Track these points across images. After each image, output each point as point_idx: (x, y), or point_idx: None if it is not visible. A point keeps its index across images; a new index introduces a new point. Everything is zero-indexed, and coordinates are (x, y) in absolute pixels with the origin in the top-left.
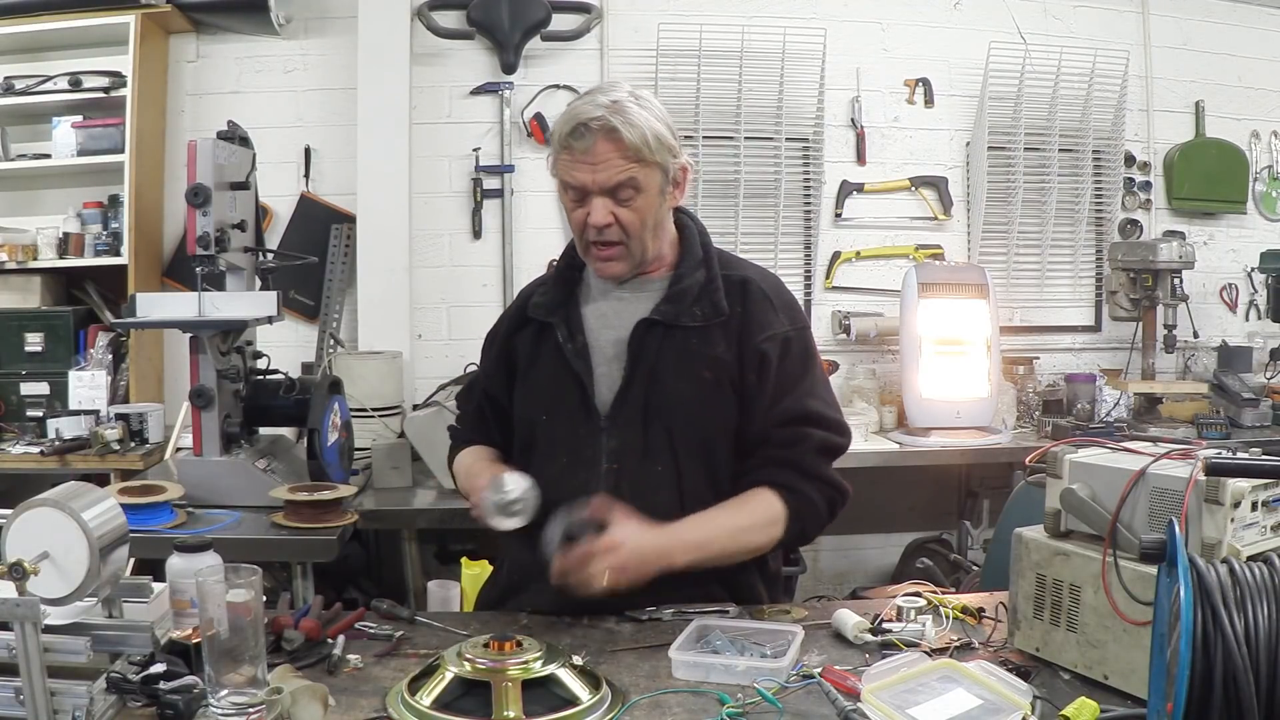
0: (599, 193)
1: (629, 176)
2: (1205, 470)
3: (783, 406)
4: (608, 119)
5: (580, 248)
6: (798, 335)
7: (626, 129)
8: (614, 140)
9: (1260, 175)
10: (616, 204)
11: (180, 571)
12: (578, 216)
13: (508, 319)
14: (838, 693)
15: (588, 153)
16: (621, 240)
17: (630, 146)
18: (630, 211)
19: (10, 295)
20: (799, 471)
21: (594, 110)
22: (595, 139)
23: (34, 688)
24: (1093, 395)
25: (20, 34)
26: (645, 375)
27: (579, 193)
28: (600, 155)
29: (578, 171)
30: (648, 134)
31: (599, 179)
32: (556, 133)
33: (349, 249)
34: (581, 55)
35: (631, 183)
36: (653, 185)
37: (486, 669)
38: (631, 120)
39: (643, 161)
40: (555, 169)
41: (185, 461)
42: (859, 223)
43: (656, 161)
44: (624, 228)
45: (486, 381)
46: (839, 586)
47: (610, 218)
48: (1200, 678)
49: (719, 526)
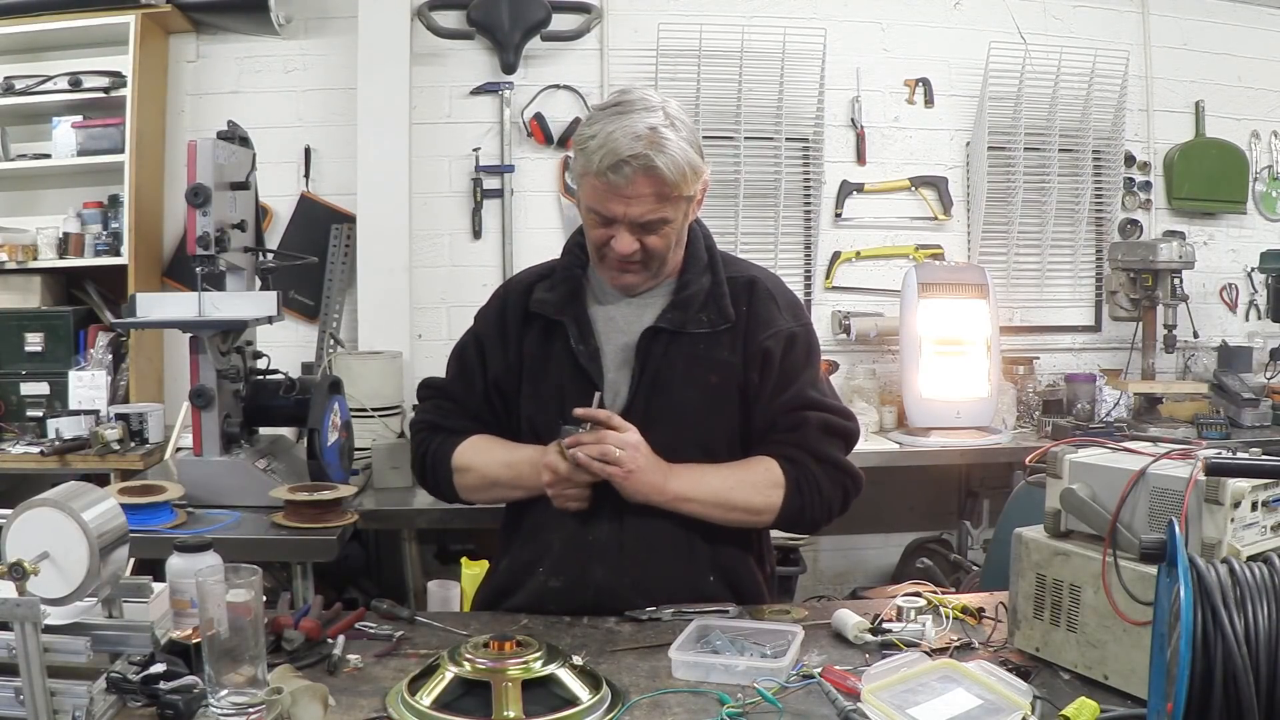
0: (628, 224)
1: (661, 215)
2: (1205, 470)
3: (786, 397)
4: (649, 158)
5: (595, 259)
6: (802, 331)
7: (666, 167)
8: (652, 178)
9: (1260, 175)
10: (644, 233)
11: (180, 571)
12: (599, 235)
13: (512, 310)
14: (838, 693)
15: (624, 188)
16: (644, 263)
17: (668, 184)
18: (658, 239)
19: (10, 295)
20: (803, 449)
21: (633, 145)
22: (633, 176)
23: (34, 688)
24: (1093, 395)
25: (20, 34)
26: (652, 382)
27: (605, 220)
28: (636, 191)
29: (610, 204)
30: (685, 168)
31: (631, 214)
32: (589, 157)
33: (349, 249)
34: (581, 55)
35: (663, 219)
36: (681, 215)
37: (486, 669)
38: (670, 153)
39: (680, 191)
40: (582, 190)
41: (185, 461)
42: (859, 223)
43: (688, 195)
44: (648, 252)
45: (496, 377)
46: (839, 586)
47: (635, 246)
48: (1200, 678)
49: (717, 472)
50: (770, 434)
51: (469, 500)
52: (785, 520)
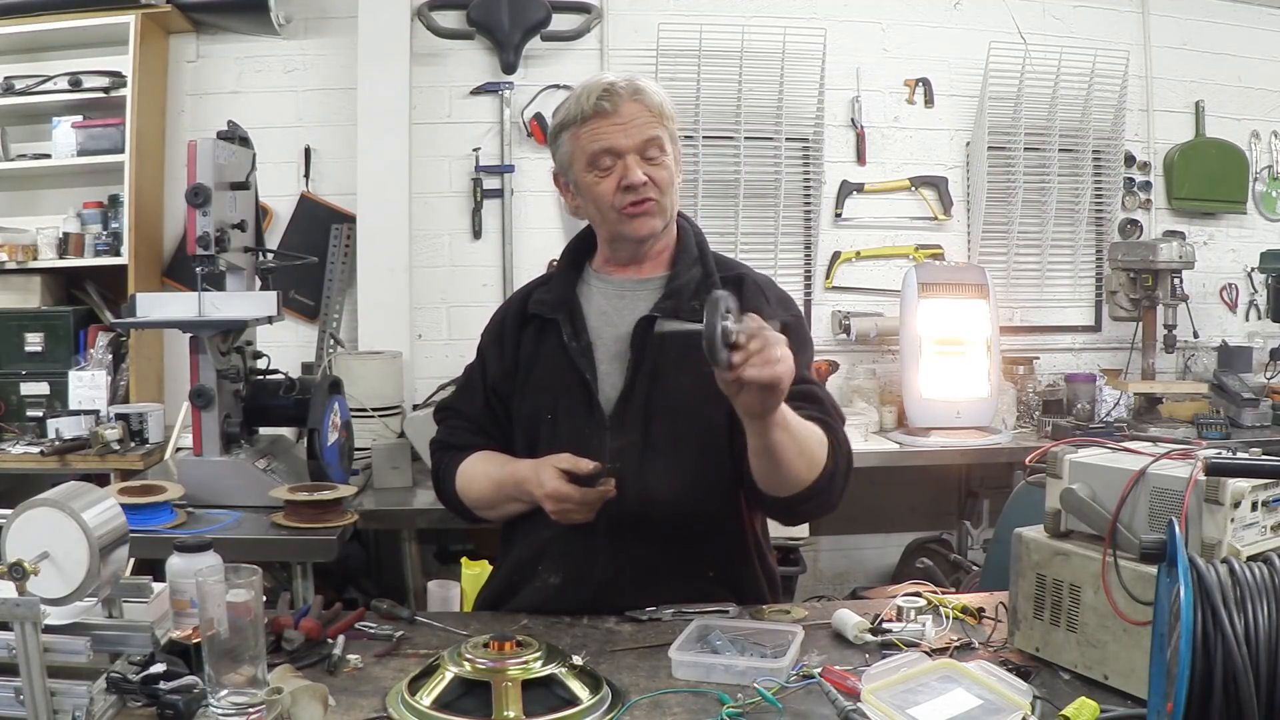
0: (631, 152)
1: (656, 134)
2: (1205, 470)
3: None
4: (632, 81)
5: (612, 218)
6: (795, 322)
7: (650, 90)
8: (640, 101)
9: (1260, 175)
10: (647, 164)
11: (180, 571)
12: (608, 185)
13: (510, 317)
14: (838, 693)
15: (617, 113)
16: (655, 197)
17: (654, 107)
18: (660, 169)
19: (10, 295)
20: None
21: (611, 77)
22: (623, 101)
23: (34, 688)
24: (1093, 395)
25: (20, 34)
26: (648, 373)
27: (611, 157)
28: (629, 115)
29: (610, 136)
30: (662, 99)
31: (632, 137)
32: (575, 109)
33: (349, 249)
34: (581, 55)
35: (659, 141)
36: (671, 145)
37: (486, 669)
38: (647, 83)
39: (664, 121)
40: (577, 149)
41: (185, 461)
42: (859, 223)
43: (671, 127)
44: (656, 185)
45: (495, 381)
46: (839, 586)
47: (644, 176)
48: (1200, 678)
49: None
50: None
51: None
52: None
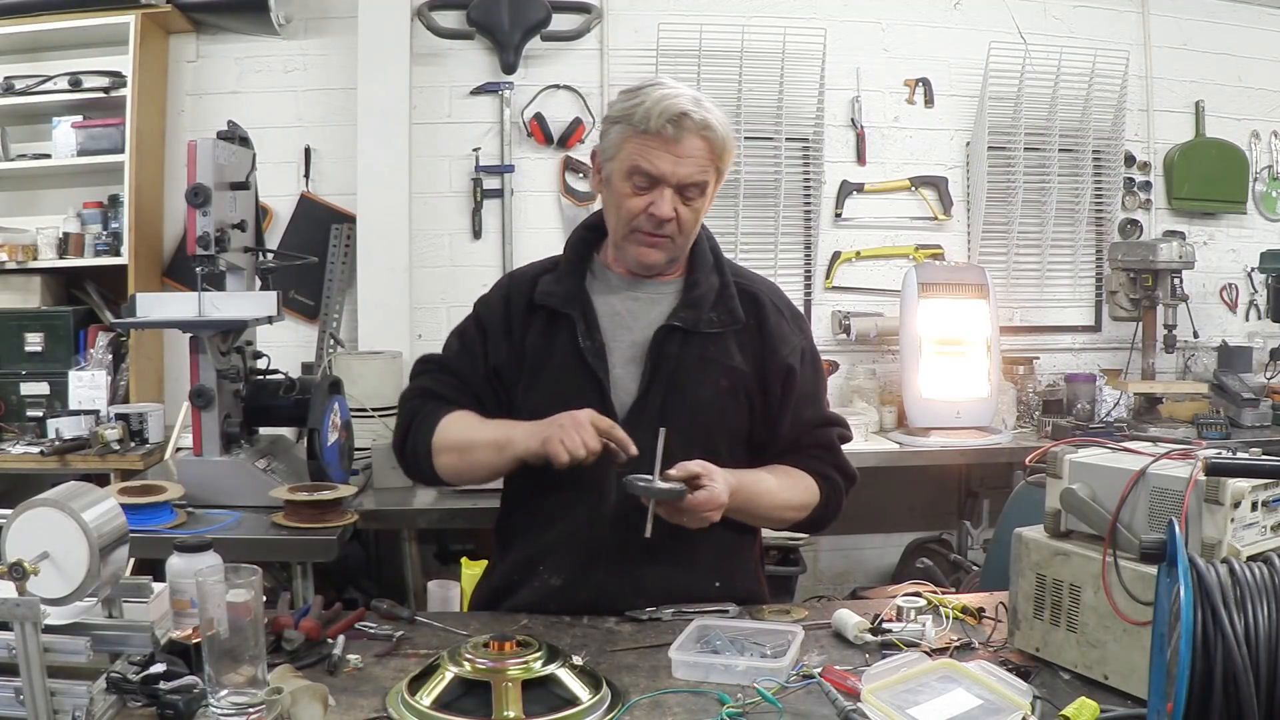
0: (673, 186)
1: (704, 180)
2: (1205, 470)
3: (811, 412)
4: (705, 118)
5: (621, 233)
6: (809, 345)
7: (719, 127)
8: (706, 139)
9: (1260, 175)
10: (681, 201)
11: (180, 571)
12: (638, 203)
13: (517, 302)
14: (838, 693)
15: (678, 144)
16: (673, 236)
17: (717, 148)
18: (690, 211)
19: (10, 295)
20: (837, 468)
21: (692, 105)
22: (688, 135)
23: (34, 688)
24: (1093, 395)
25: (20, 34)
26: (665, 381)
27: (648, 180)
28: (688, 150)
29: (660, 162)
30: (727, 138)
31: (680, 173)
32: (641, 117)
33: (349, 249)
34: (581, 55)
35: (703, 185)
36: (712, 188)
37: (486, 669)
38: (719, 120)
39: (720, 161)
40: (623, 154)
41: (185, 461)
42: (859, 223)
43: (722, 169)
44: (680, 225)
45: (498, 364)
46: (839, 586)
47: (673, 212)
48: (1200, 678)
49: (770, 493)
50: (802, 447)
51: (440, 473)
52: (798, 527)
